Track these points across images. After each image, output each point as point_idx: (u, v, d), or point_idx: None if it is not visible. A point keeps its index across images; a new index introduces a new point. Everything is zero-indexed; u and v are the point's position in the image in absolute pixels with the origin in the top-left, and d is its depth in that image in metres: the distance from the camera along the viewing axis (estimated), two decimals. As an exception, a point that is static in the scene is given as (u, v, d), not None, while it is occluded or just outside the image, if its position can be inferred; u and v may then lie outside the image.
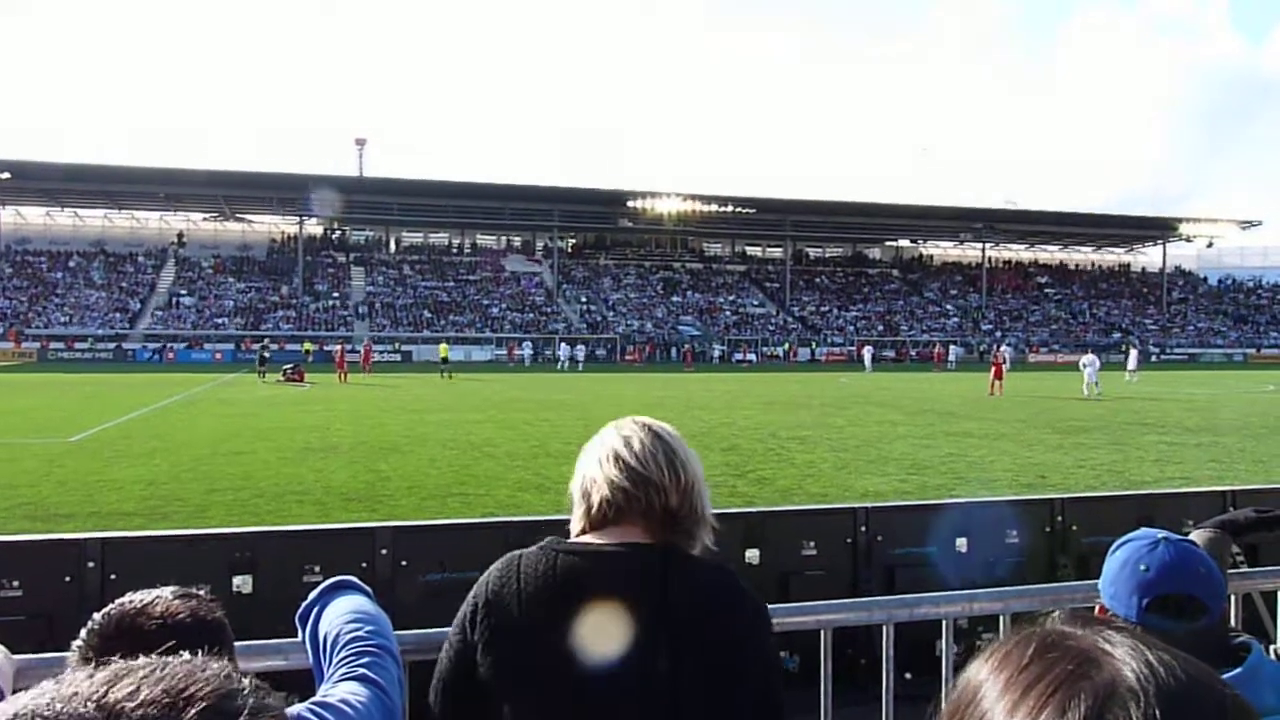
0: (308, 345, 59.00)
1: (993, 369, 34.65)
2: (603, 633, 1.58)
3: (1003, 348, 36.96)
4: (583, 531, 1.69)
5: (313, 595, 1.82)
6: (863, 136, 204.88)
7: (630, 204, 74.13)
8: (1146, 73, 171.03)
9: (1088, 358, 34.45)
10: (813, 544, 5.26)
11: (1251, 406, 28.73)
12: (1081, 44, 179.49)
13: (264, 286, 74.58)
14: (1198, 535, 2.24)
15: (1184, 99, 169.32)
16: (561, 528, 1.78)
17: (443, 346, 49.11)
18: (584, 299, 78.32)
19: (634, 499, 1.63)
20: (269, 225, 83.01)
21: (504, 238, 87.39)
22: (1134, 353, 45.97)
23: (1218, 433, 20.53)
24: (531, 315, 74.39)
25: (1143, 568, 1.70)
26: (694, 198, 74.04)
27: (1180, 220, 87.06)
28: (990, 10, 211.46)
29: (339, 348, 44.37)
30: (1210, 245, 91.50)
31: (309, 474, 13.55)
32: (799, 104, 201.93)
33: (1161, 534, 1.79)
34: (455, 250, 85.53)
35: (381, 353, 62.88)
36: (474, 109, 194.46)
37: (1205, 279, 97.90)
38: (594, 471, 1.68)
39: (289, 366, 40.49)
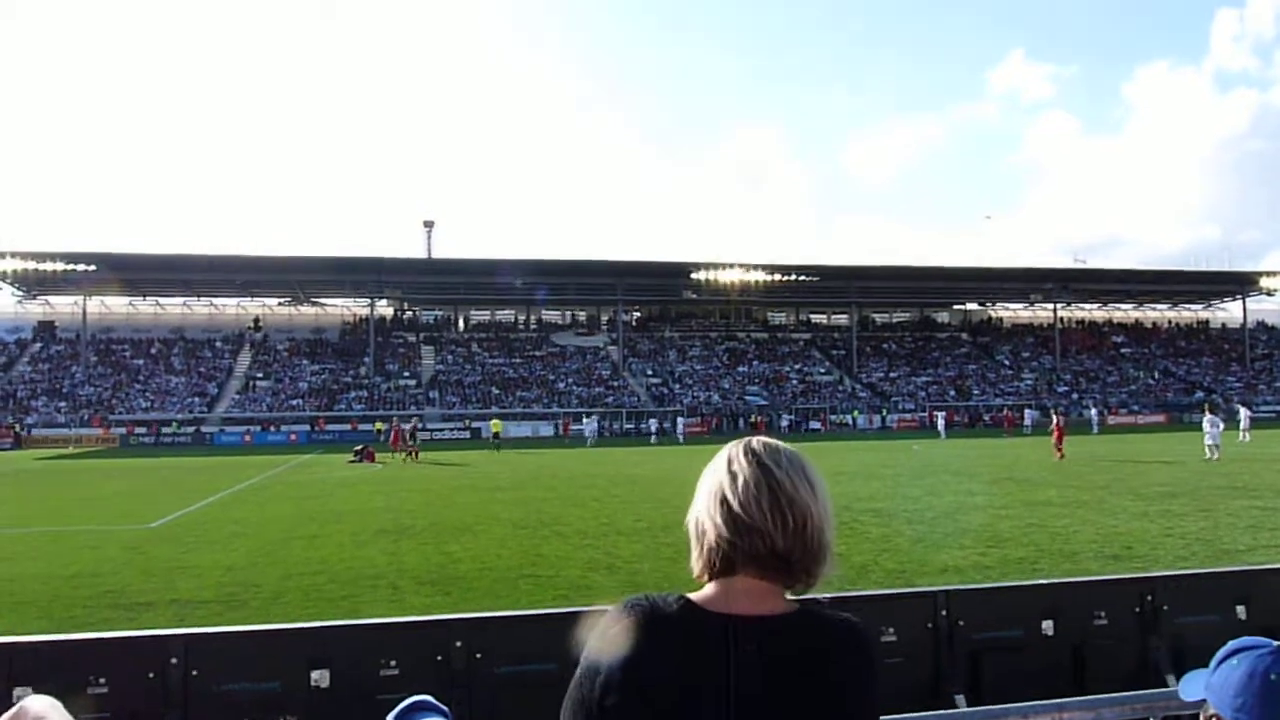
0: (379, 425, 59.99)
1: (1054, 433, 33.95)
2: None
3: (1057, 413, 36.26)
4: (701, 577, 1.65)
5: (390, 717, 1.83)
6: (921, 199, 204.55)
7: (694, 275, 74.57)
8: (1216, 124, 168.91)
9: (1209, 418, 32.97)
10: (892, 630, 5.13)
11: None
12: (1148, 98, 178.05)
13: (337, 368, 76.30)
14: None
15: (1258, 150, 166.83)
16: None
17: (495, 422, 50.11)
18: (650, 371, 78.58)
19: (739, 549, 1.58)
20: (342, 308, 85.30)
21: (569, 313, 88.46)
22: (1244, 412, 44.64)
23: (1314, 496, 19.69)
24: (599, 389, 74.76)
25: (1273, 677, 1.67)
26: (757, 267, 74.25)
27: (1260, 274, 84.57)
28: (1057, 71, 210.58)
29: (410, 426, 44.99)
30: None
31: (382, 557, 13.67)
32: (860, 168, 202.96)
33: (1278, 644, 1.74)
34: (522, 326, 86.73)
35: (450, 430, 63.61)
36: (540, 186, 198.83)
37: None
38: (703, 514, 1.63)
39: (359, 447, 41.08)
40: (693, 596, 1.60)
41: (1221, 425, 32.58)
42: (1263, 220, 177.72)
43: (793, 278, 76.08)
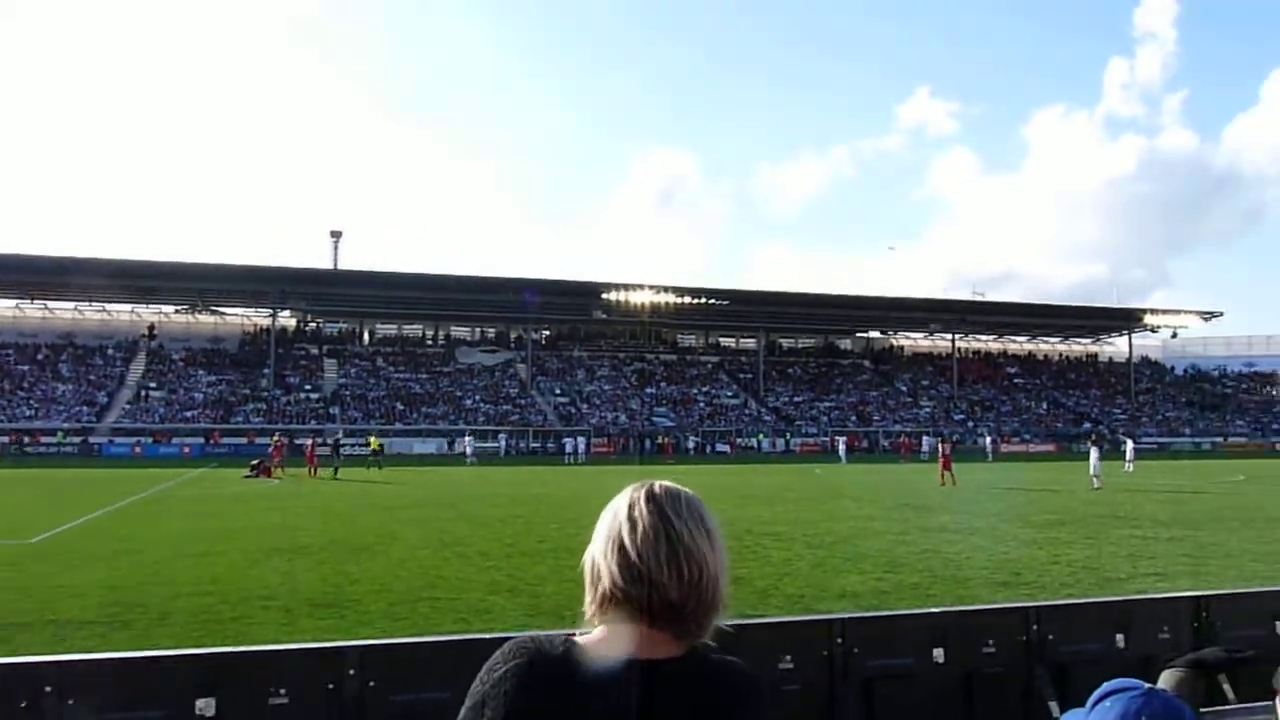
0: (276, 438, 58.42)
1: (941, 460, 35.02)
2: None
3: (945, 439, 37.69)
4: (592, 619, 1.62)
5: None
6: (828, 231, 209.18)
7: (605, 296, 74.78)
8: (1107, 167, 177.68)
9: (1094, 449, 34.51)
10: (789, 658, 5.19)
11: (1222, 498, 28.92)
12: (1044, 140, 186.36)
13: (235, 379, 74.13)
14: (1169, 675, 2.24)
15: (1145, 192, 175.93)
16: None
17: (373, 439, 48.45)
18: (558, 390, 78.37)
19: (632, 596, 1.55)
20: (242, 318, 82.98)
21: (478, 329, 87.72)
22: (1129, 444, 46.74)
23: (1190, 525, 20.60)
24: (506, 407, 74.22)
25: (1144, 719, 1.73)
26: (668, 289, 74.85)
27: (1145, 311, 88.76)
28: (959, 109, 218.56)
29: (310, 441, 43.93)
30: (1174, 335, 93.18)
31: (274, 577, 13.28)
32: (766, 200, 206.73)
33: (1148, 685, 1.82)
34: (430, 341, 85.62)
35: (353, 445, 62.28)
36: (453, 201, 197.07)
37: (1171, 368, 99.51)
38: (599, 557, 1.60)
39: (256, 461, 39.94)
40: (580, 639, 1.59)
41: (1099, 455, 34.20)
42: (1148, 260, 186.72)
43: (703, 301, 76.92)
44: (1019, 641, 6.09)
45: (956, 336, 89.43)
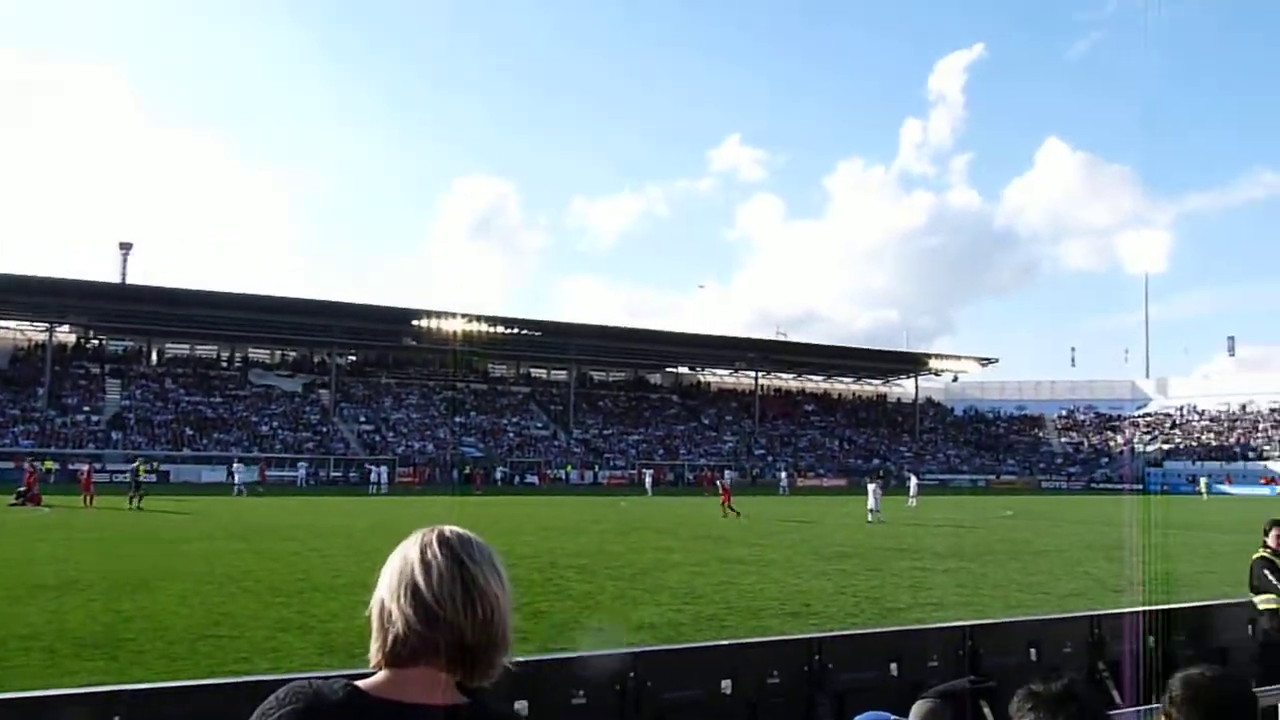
0: (49, 463, 53.92)
1: (723, 494, 36.39)
2: None
3: (726, 474, 39.86)
4: (379, 665, 1.60)
5: None
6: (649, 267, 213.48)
7: (415, 323, 73.31)
8: (901, 219, 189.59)
9: (873, 485, 36.69)
10: (582, 694, 5.26)
11: (993, 532, 31.17)
12: (844, 191, 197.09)
13: (3, 398, 67.91)
14: (919, 707, 2.45)
15: (933, 245, 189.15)
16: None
17: (139, 463, 43.06)
18: (363, 418, 76.05)
19: (427, 639, 1.55)
20: (15, 332, 76.27)
21: (279, 352, 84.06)
22: (913, 480, 49.72)
23: (964, 558, 22.12)
24: (306, 434, 71.31)
25: None
26: (480, 318, 74.18)
27: (930, 356, 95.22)
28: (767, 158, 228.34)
29: (86, 467, 40.82)
30: (956, 379, 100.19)
31: (39, 616, 12.26)
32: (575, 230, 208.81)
33: (895, 718, 2.00)
34: (225, 364, 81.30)
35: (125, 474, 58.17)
36: (253, 219, 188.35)
37: (952, 410, 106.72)
38: (390, 601, 1.59)
39: (23, 489, 36.66)
40: (361, 684, 1.57)
41: (880, 492, 36.33)
42: (935, 307, 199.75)
43: (515, 332, 76.63)
44: (802, 671, 6.41)
45: (760, 374, 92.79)
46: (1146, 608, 9.95)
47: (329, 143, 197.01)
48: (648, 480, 60.00)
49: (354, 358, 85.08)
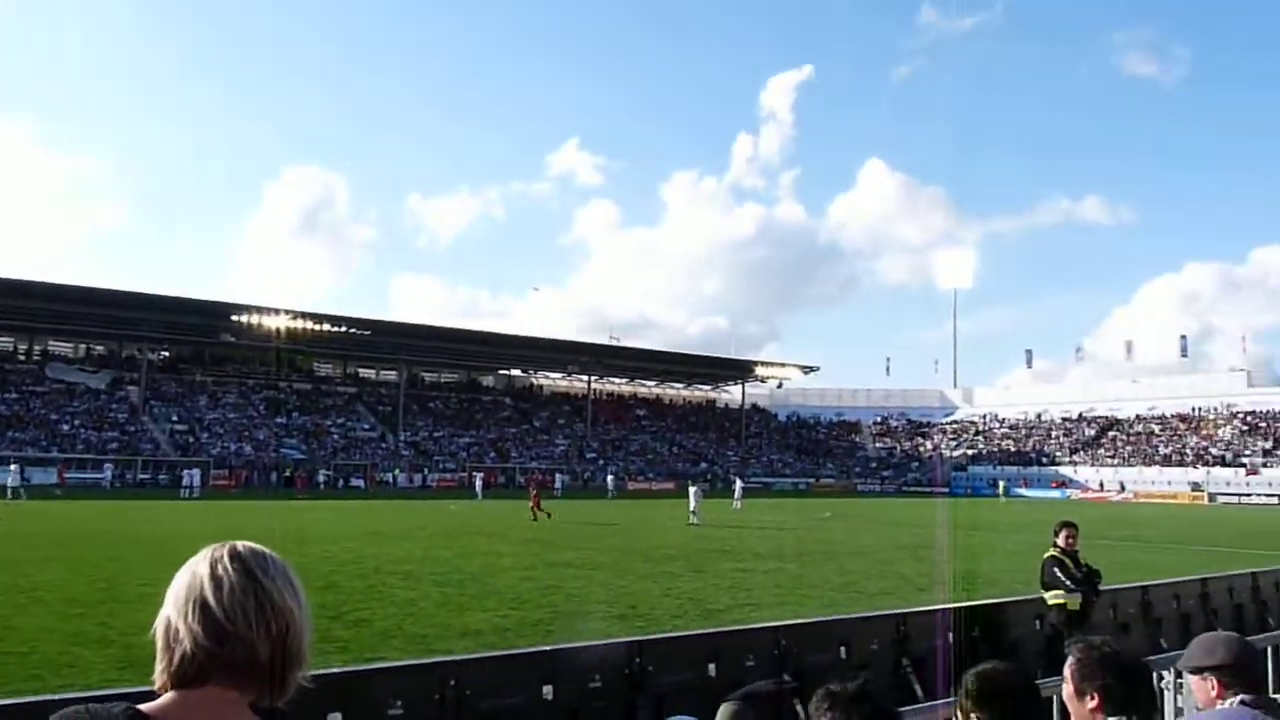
0: None
1: (532, 498, 36.45)
2: None
3: (532, 478, 40.33)
4: (164, 687, 1.51)
5: None
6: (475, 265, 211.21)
7: (235, 318, 69.99)
8: (731, 230, 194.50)
9: (694, 489, 37.41)
10: (400, 704, 5.17)
11: (811, 534, 32.39)
12: (679, 200, 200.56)
13: None
14: (725, 709, 2.54)
15: (762, 256, 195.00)
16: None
17: None
18: (175, 417, 71.98)
19: (219, 658, 1.49)
20: None
21: (83, 346, 78.60)
22: (739, 483, 51.00)
23: (783, 559, 22.89)
24: (112, 434, 66.91)
25: None
26: (306, 315, 71.54)
27: (757, 363, 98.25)
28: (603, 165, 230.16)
29: None
30: (780, 386, 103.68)
31: None
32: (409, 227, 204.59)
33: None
34: (21, 357, 75.36)
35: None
36: (62, 205, 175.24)
37: (776, 415, 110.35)
38: (177, 619, 1.51)
39: None
40: (144, 707, 1.49)
41: (701, 496, 37.13)
42: (762, 317, 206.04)
43: (343, 330, 74.28)
44: (624, 674, 6.50)
45: (593, 378, 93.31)
46: (947, 606, 10.58)
47: (147, 127, 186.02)
48: (478, 484, 59.32)
49: (167, 353, 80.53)
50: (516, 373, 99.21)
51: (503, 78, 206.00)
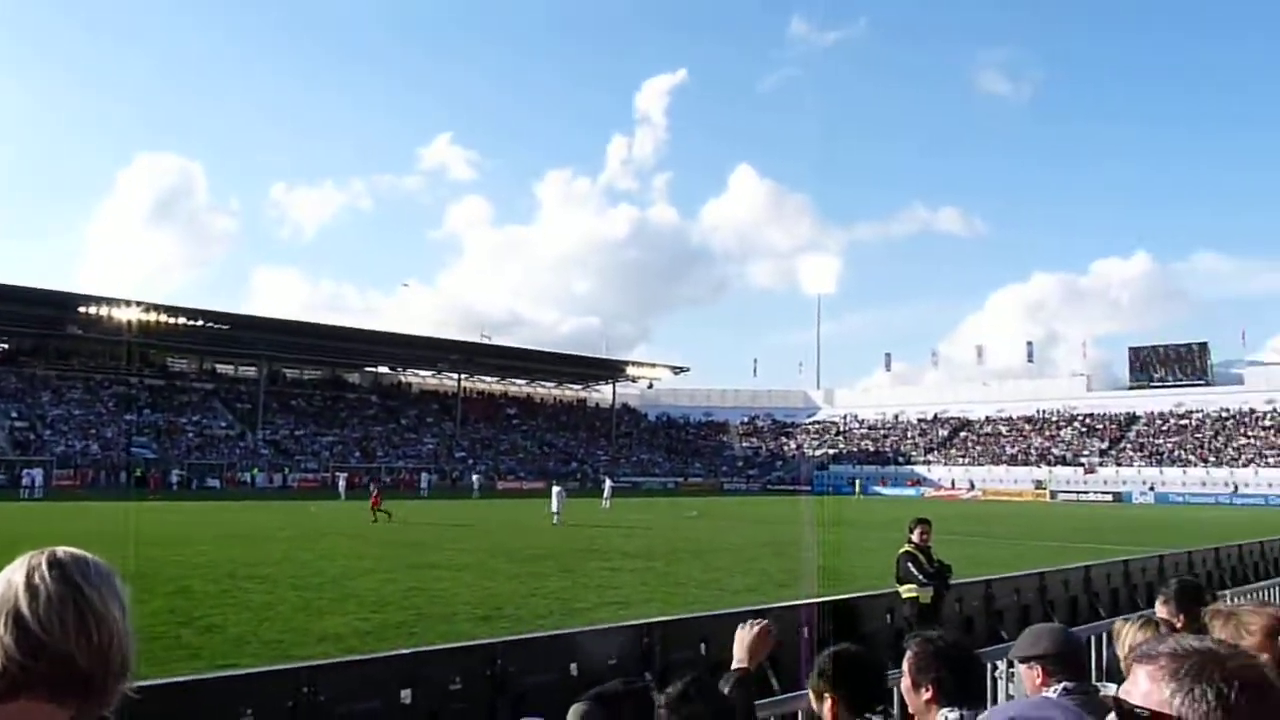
0: None
1: (372, 499, 35.74)
2: None
3: (376, 479, 39.72)
4: None
5: None
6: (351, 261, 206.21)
7: (81, 309, 66.29)
8: (605, 230, 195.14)
9: (557, 489, 37.24)
10: (251, 712, 5.03)
11: (678, 532, 32.82)
12: (553, 199, 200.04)
13: None
14: (575, 710, 2.58)
15: (634, 257, 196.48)
16: None
17: None
18: (15, 413, 67.70)
19: (33, 671, 1.40)
20: None
21: (-93, 337, 73.20)
22: (608, 483, 51.18)
23: (650, 557, 23.14)
24: (-61, 431, 62.50)
25: None
26: (159, 308, 68.34)
27: (628, 363, 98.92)
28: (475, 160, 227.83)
29: None
30: (651, 386, 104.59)
31: None
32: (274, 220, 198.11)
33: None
34: None
35: None
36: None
37: (646, 415, 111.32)
38: None
39: None
40: None
41: (565, 494, 37.06)
42: (634, 316, 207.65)
43: (199, 323, 71.19)
44: (484, 677, 6.48)
45: (463, 376, 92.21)
46: (805, 601, 10.92)
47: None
48: (341, 484, 57.85)
49: (6, 346, 75.69)
50: (384, 370, 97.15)
51: (374, 66, 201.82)
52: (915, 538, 10.70)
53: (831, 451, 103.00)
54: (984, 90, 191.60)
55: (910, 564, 10.53)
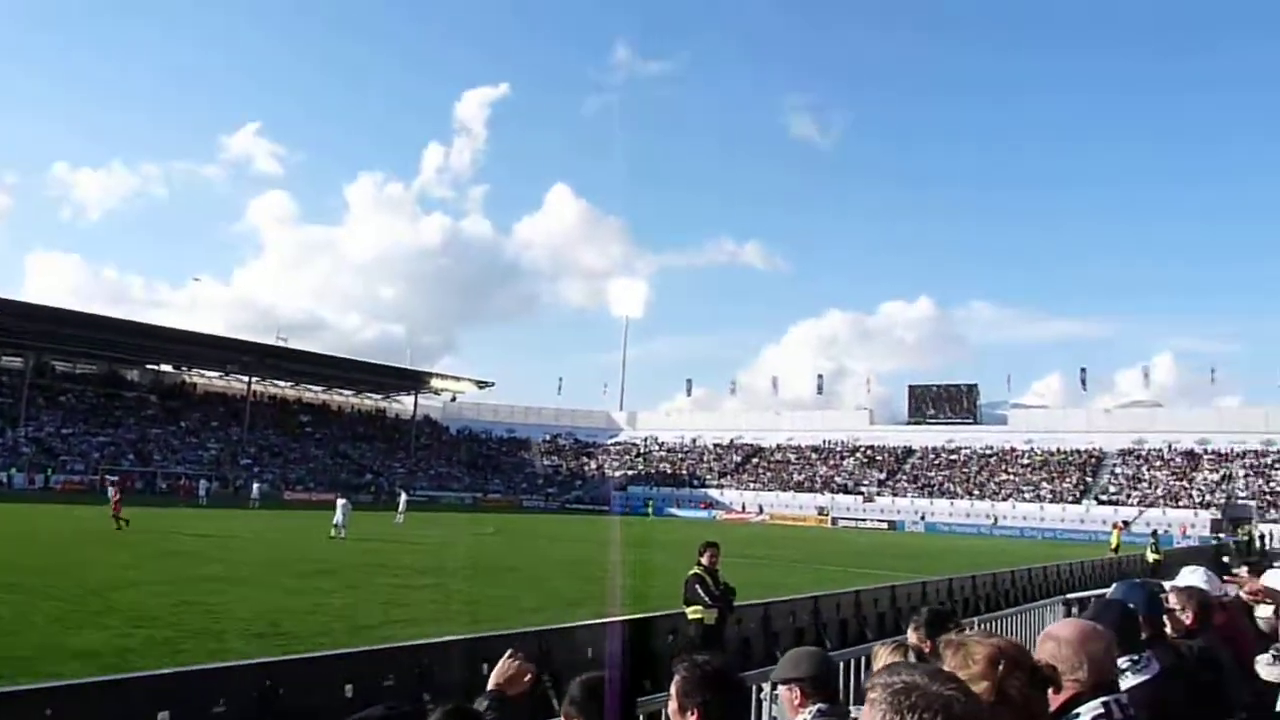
0: None
1: (113, 503, 33.84)
2: None
3: (115, 484, 37.70)
4: None
5: None
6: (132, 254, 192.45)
7: None
8: (416, 238, 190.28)
9: (341, 500, 36.04)
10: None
11: (474, 549, 32.44)
12: (363, 202, 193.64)
13: None
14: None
15: (445, 267, 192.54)
16: None
17: None
18: None
19: None
20: None
21: None
22: (404, 496, 49.92)
23: (442, 575, 22.78)
24: None
25: None
26: (-94, 287, 61.76)
27: (432, 375, 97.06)
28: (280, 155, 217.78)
29: None
30: (454, 399, 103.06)
31: None
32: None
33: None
34: None
35: None
36: None
37: (448, 429, 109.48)
38: None
39: None
40: None
41: (350, 506, 35.87)
42: (441, 328, 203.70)
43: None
44: (252, 698, 6.21)
45: (254, 379, 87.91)
46: (590, 621, 11.05)
47: None
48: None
49: None
50: (167, 368, 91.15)
51: (181, 41, 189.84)
52: (705, 560, 11.04)
53: (630, 472, 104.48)
54: (795, 133, 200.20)
55: (698, 585, 10.85)
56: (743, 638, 12.18)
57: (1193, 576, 5.25)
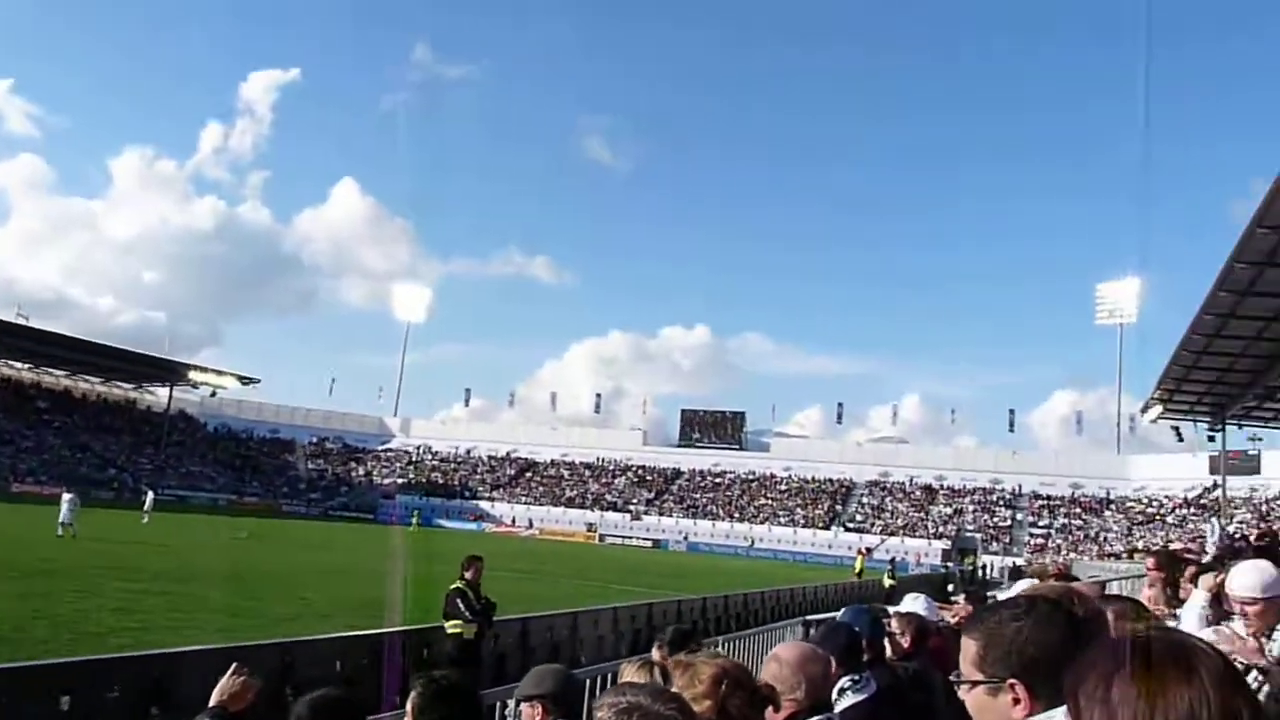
0: None
1: None
2: None
3: None
4: None
5: None
6: None
7: None
8: (186, 220, 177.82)
9: (68, 495, 33.15)
10: None
11: (223, 553, 30.75)
12: (129, 176, 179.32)
13: None
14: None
15: (216, 254, 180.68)
16: None
17: None
18: None
19: None
20: None
21: None
22: (150, 495, 46.58)
23: (185, 580, 21.51)
24: None
25: None
26: None
27: (192, 367, 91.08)
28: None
29: None
30: (214, 394, 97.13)
31: None
32: None
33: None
34: None
35: None
36: None
37: (205, 425, 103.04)
38: None
39: None
40: None
41: (78, 503, 33.38)
42: (206, 318, 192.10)
43: None
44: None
45: (-16, 359, 79.76)
46: (339, 634, 10.83)
47: None
48: None
49: None
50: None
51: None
52: (468, 575, 11.04)
53: (400, 481, 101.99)
54: (587, 153, 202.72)
55: (459, 600, 10.84)
56: (499, 653, 12.26)
57: (914, 604, 5.84)
